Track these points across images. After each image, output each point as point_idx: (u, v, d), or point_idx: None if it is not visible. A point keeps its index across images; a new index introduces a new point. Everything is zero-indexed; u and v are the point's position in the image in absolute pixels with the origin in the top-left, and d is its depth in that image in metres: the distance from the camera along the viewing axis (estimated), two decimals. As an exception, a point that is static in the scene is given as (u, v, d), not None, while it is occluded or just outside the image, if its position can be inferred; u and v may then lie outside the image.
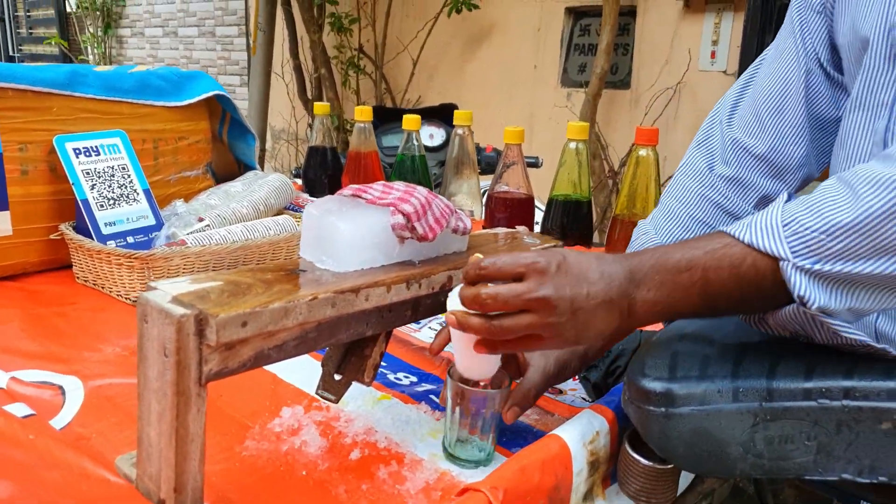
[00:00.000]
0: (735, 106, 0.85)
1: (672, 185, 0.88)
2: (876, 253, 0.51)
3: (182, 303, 0.52)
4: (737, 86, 0.87)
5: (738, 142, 0.82)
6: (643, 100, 2.98)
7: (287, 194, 1.36)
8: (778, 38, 0.84)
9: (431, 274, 0.67)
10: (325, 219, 0.65)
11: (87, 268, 1.11)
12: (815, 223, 0.53)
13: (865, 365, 0.52)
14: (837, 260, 0.52)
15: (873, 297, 0.53)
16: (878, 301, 0.54)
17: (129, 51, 6.13)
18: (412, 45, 3.66)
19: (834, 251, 0.52)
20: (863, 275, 0.52)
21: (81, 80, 1.21)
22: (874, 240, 0.51)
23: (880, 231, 0.50)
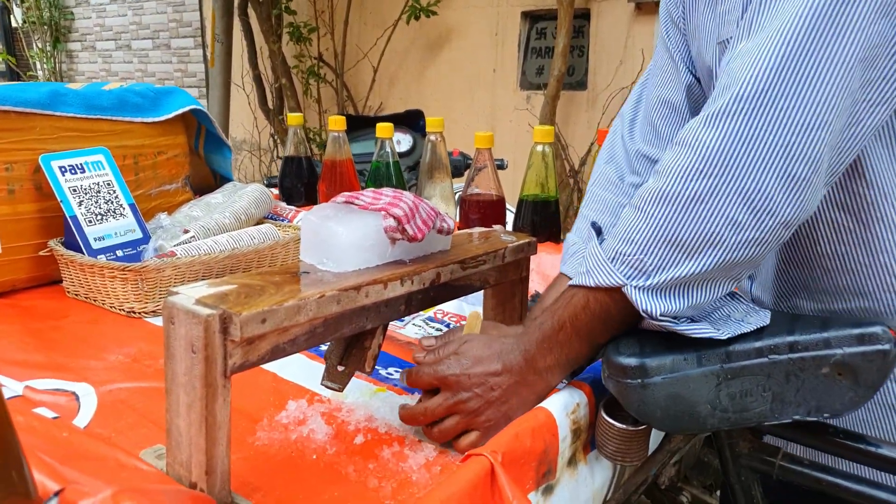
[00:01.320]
0: (633, 121, 0.97)
1: (589, 197, 0.99)
2: (682, 257, 0.61)
3: (206, 304, 0.58)
4: (631, 102, 0.98)
5: (640, 152, 0.94)
6: (600, 100, 3.10)
7: (266, 204, 1.41)
8: (655, 51, 0.95)
9: (422, 271, 0.74)
10: (323, 224, 0.72)
11: (79, 282, 1.15)
12: (628, 248, 0.63)
13: (803, 321, 0.61)
14: (659, 271, 0.62)
15: (706, 290, 0.62)
16: (711, 292, 0.63)
17: (81, 65, 6.05)
18: (372, 53, 3.72)
19: (653, 265, 0.62)
20: (683, 277, 0.61)
21: (62, 100, 1.24)
22: (675, 247, 0.61)
23: (675, 237, 0.60)
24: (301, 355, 0.94)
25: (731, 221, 0.58)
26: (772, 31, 0.59)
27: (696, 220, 0.59)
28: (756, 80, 0.58)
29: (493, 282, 0.89)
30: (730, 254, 0.60)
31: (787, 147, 0.57)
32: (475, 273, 0.83)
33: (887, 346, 0.56)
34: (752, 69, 0.59)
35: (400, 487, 0.66)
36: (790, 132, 0.57)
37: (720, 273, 0.61)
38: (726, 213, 0.58)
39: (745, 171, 0.57)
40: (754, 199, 0.58)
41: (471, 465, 0.56)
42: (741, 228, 0.59)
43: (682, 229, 0.60)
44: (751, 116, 0.58)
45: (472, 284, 0.85)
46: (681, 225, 0.60)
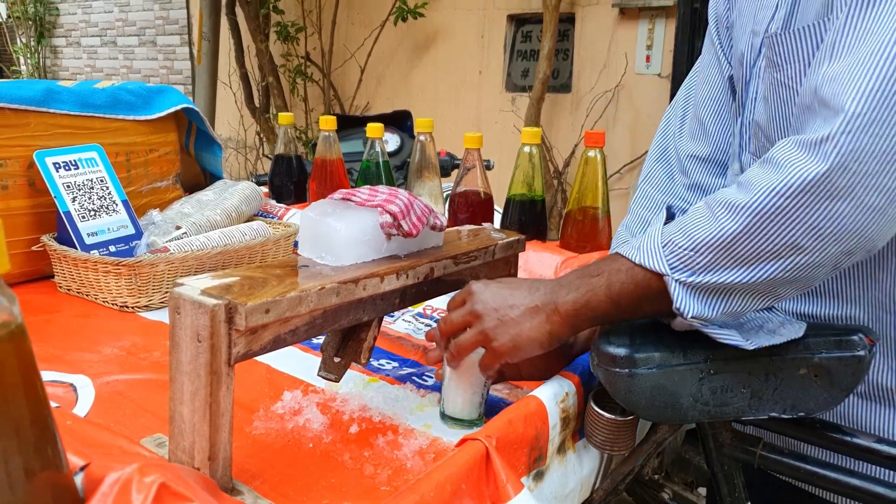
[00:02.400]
0: (683, 119, 0.99)
1: (640, 195, 1.00)
2: (734, 265, 0.61)
3: (211, 295, 0.60)
4: (680, 100, 1.00)
5: (690, 153, 0.95)
6: (584, 102, 3.14)
7: (257, 201, 1.43)
8: (703, 51, 0.97)
9: (416, 266, 0.76)
10: (322, 220, 0.74)
11: (71, 277, 1.16)
12: (685, 242, 0.63)
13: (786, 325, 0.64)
14: (705, 272, 0.62)
15: (744, 301, 0.63)
16: (748, 304, 0.63)
17: (65, 61, 6.00)
18: (359, 53, 3.74)
19: (701, 265, 0.62)
20: (727, 283, 0.62)
21: (56, 97, 1.25)
22: (730, 255, 0.61)
23: (734, 248, 0.61)
24: (295, 348, 0.96)
25: (794, 244, 0.59)
26: (868, 52, 0.57)
27: (763, 235, 0.59)
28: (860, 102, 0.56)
29: (483, 277, 0.91)
30: (783, 272, 0.60)
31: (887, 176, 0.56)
32: (467, 268, 0.86)
33: (862, 353, 0.60)
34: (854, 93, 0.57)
35: (395, 474, 0.68)
36: None
37: (765, 288, 0.62)
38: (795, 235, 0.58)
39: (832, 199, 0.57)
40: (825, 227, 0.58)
41: (466, 449, 0.59)
42: (804, 251, 0.59)
43: (745, 240, 0.60)
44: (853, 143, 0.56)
45: (463, 280, 0.87)
46: (745, 237, 0.60)
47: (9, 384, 0.41)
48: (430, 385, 0.88)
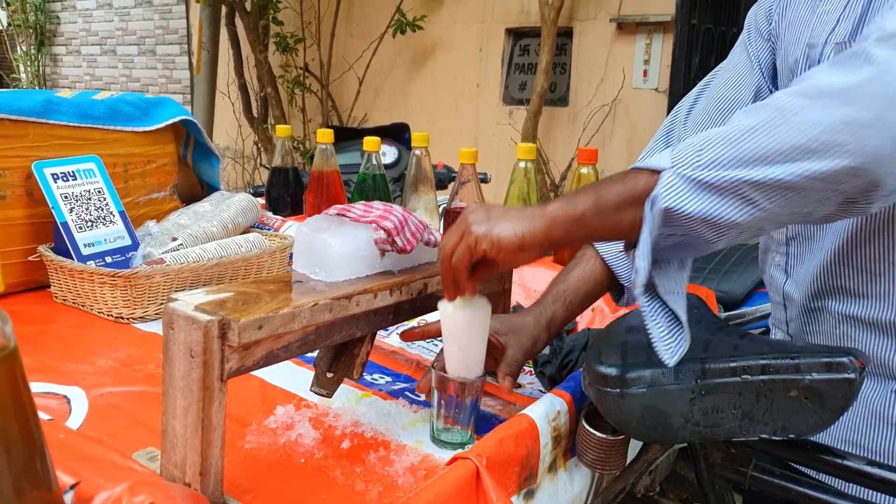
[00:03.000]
0: (691, 109, 0.99)
1: None
2: (738, 163, 0.57)
3: (205, 310, 0.60)
4: (694, 91, 1.00)
5: None
6: (581, 116, 3.16)
7: (253, 213, 1.43)
8: (732, 54, 0.98)
9: (410, 282, 0.77)
10: (317, 236, 0.74)
11: (67, 287, 1.16)
12: (694, 141, 0.60)
13: (776, 346, 0.64)
14: (707, 167, 0.58)
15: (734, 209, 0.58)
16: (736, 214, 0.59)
17: (65, 69, 6.02)
18: (358, 64, 3.76)
19: (705, 160, 0.58)
20: (729, 181, 0.57)
21: (56, 108, 1.26)
22: (737, 150, 0.57)
23: (743, 143, 0.57)
24: (289, 361, 0.96)
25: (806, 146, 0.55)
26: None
27: (776, 131, 0.57)
28: None
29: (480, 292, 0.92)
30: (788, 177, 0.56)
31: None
32: (461, 285, 0.86)
33: (853, 375, 0.60)
34: None
35: (386, 491, 0.68)
36: None
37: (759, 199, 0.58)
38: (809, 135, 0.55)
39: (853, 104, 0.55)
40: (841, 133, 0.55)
41: (456, 467, 0.59)
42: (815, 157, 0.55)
43: (757, 135, 0.57)
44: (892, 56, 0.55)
45: (457, 296, 0.88)
46: (758, 131, 0.57)
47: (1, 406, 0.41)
48: (423, 401, 0.88)
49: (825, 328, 0.85)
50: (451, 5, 3.48)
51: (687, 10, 2.14)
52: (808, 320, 0.87)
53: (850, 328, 0.82)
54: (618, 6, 2.96)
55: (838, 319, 0.83)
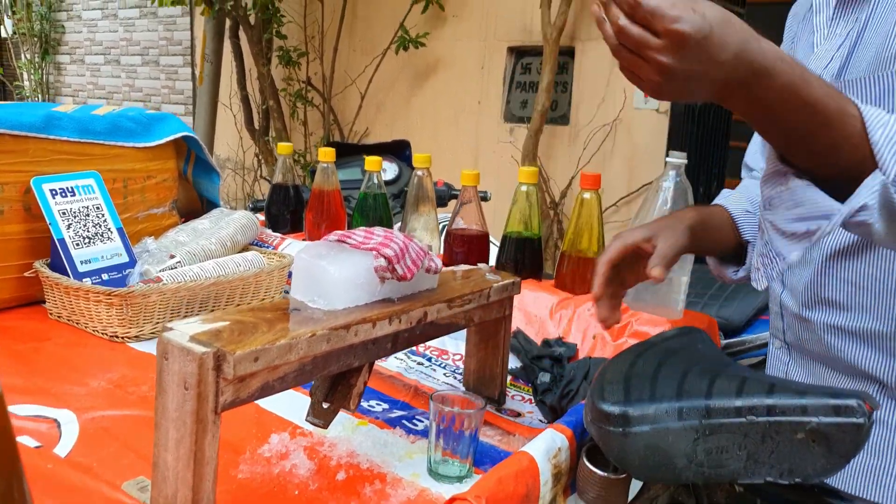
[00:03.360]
0: None
1: None
2: None
3: (200, 341, 0.59)
4: None
5: None
6: (582, 135, 3.16)
7: (252, 231, 1.42)
8: None
9: (410, 310, 0.76)
10: (316, 263, 0.73)
11: (63, 304, 1.15)
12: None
13: (782, 386, 0.63)
14: None
15: None
16: None
17: (68, 78, 6.03)
18: (360, 79, 3.76)
19: None
20: None
21: (57, 124, 1.25)
22: None
23: None
24: (285, 387, 0.95)
25: None
26: None
27: None
28: None
29: (478, 320, 0.91)
30: None
31: None
32: (461, 312, 0.85)
33: (861, 420, 0.58)
34: None
35: (382, 526, 0.67)
36: None
37: None
38: None
39: None
40: None
41: (454, 508, 0.58)
42: None
43: None
44: None
45: (457, 323, 0.86)
46: None
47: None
48: (421, 430, 0.87)
49: (815, 337, 0.90)
50: (453, 23, 3.49)
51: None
52: (801, 328, 0.93)
53: (836, 338, 0.87)
54: (620, 26, 2.96)
55: (825, 329, 0.88)
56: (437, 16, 3.50)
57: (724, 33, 0.60)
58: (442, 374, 1.07)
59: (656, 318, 1.07)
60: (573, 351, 1.08)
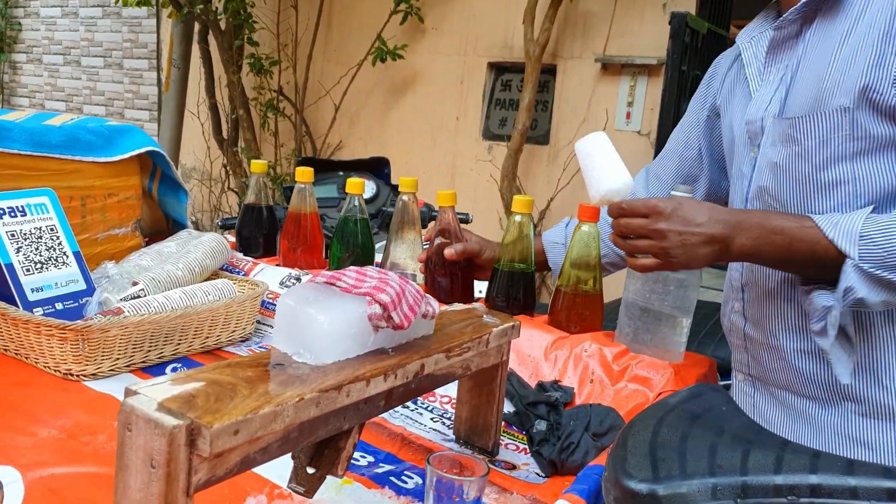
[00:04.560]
0: None
1: None
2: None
3: (170, 410, 0.50)
4: None
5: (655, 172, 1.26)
6: (562, 155, 3.12)
7: (223, 255, 1.32)
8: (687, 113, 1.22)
9: (406, 363, 0.68)
10: (302, 310, 0.65)
11: (10, 337, 1.04)
12: (883, 242, 0.79)
13: (825, 460, 0.57)
14: (890, 271, 0.79)
15: None
16: None
17: (25, 77, 5.81)
18: (334, 90, 3.67)
19: (890, 265, 0.79)
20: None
21: (6, 135, 1.14)
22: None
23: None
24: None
25: None
26: None
27: None
28: None
29: (475, 368, 0.83)
30: None
31: None
32: (458, 361, 0.77)
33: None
34: None
35: None
36: None
37: None
38: None
39: None
40: None
41: None
42: None
43: None
44: None
45: (453, 373, 0.79)
46: None
47: None
48: (412, 489, 0.79)
49: (786, 364, 0.97)
50: (433, 36, 3.43)
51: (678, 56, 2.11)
52: (769, 358, 0.99)
53: (808, 362, 0.95)
54: (603, 46, 2.94)
55: (796, 355, 0.95)
56: (417, 28, 3.43)
57: (693, 205, 0.87)
58: (429, 418, 0.99)
59: (657, 361, 1.01)
60: (570, 396, 1.01)
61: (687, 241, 0.85)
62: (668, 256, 0.86)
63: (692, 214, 0.85)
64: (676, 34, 2.06)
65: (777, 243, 0.84)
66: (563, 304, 1.12)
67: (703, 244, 0.85)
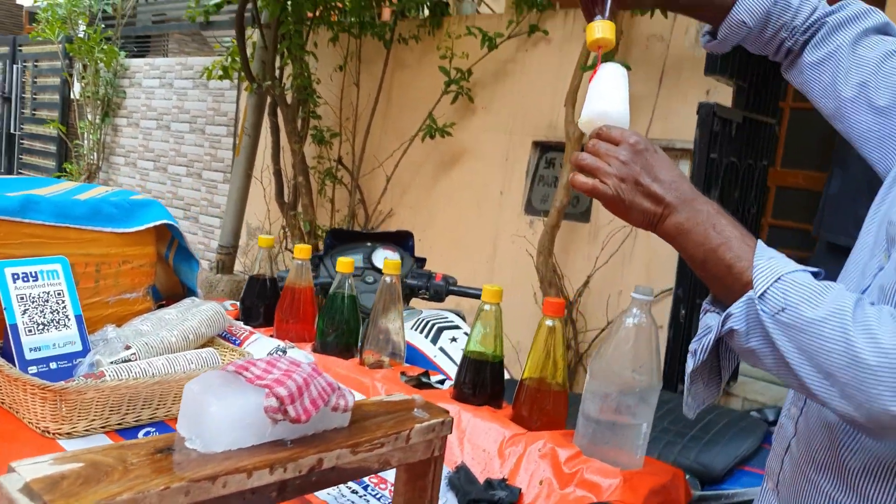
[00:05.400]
0: None
1: None
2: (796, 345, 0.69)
3: (31, 492, 0.55)
4: None
5: None
6: (602, 233, 3.10)
7: (219, 324, 1.40)
8: None
9: (299, 457, 0.70)
10: (200, 396, 0.69)
11: (6, 391, 1.13)
12: (794, 298, 0.70)
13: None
14: (778, 325, 0.70)
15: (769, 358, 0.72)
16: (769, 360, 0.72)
17: (123, 139, 6.32)
18: (388, 162, 3.82)
19: (782, 321, 0.69)
20: (778, 346, 0.70)
21: (34, 207, 1.26)
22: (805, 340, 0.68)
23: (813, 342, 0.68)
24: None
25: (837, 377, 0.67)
26: None
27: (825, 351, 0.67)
28: None
29: (397, 463, 0.84)
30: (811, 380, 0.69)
31: None
32: (371, 456, 0.79)
33: None
34: None
35: None
36: None
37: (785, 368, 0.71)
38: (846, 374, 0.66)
39: None
40: None
41: None
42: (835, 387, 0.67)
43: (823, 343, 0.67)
44: None
45: (368, 467, 0.80)
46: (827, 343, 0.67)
47: None
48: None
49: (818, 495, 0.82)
50: (482, 115, 3.54)
51: (706, 144, 2.10)
52: (799, 489, 0.85)
53: None
54: (646, 128, 2.95)
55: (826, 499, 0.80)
56: (467, 107, 3.55)
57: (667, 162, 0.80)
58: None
59: (607, 467, 0.99)
60: (516, 496, 1.00)
61: (633, 182, 0.78)
62: (604, 184, 0.79)
63: (659, 166, 0.79)
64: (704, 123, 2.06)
65: (706, 240, 0.76)
66: (525, 397, 1.12)
67: (647, 197, 0.78)
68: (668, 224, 0.78)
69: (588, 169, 0.81)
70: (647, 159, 0.79)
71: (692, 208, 0.78)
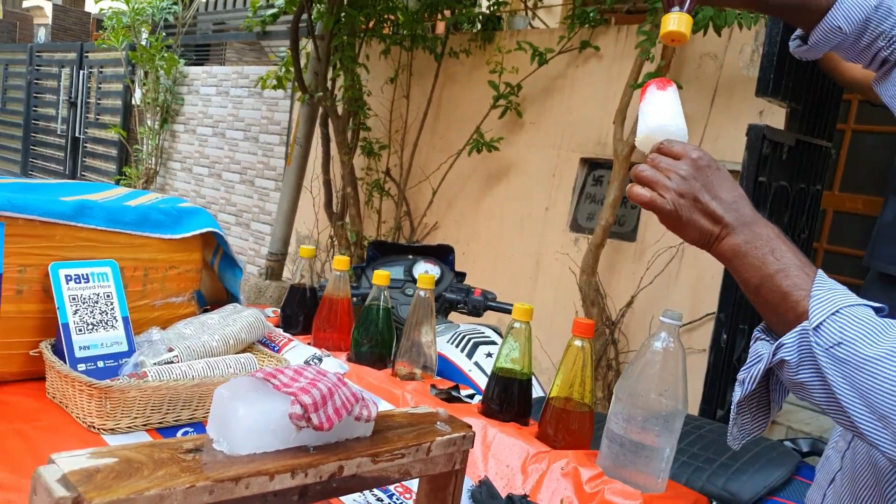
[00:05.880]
0: None
1: None
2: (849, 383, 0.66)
3: (67, 483, 0.58)
4: None
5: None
6: (647, 254, 3.07)
7: (259, 330, 1.44)
8: None
9: (320, 463, 0.73)
10: (228, 402, 0.72)
11: (57, 387, 1.19)
12: (850, 334, 0.66)
13: None
14: (831, 359, 0.67)
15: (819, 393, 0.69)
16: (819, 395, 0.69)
17: (180, 145, 6.54)
18: (435, 175, 3.86)
19: (836, 356, 0.67)
20: (830, 381, 0.67)
21: (87, 213, 1.33)
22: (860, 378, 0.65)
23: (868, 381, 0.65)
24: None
25: None
26: None
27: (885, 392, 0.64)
28: None
29: (418, 474, 0.86)
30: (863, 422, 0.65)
31: None
32: (392, 466, 0.81)
33: None
34: None
35: None
36: None
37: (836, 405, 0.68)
38: None
39: None
40: None
41: None
42: None
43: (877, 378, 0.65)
44: None
45: (389, 477, 0.82)
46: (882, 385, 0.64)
47: None
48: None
49: None
50: (529, 130, 3.54)
51: (754, 167, 2.06)
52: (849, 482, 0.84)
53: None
54: (694, 149, 2.91)
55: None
56: (515, 122, 3.57)
57: (728, 180, 0.78)
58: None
59: (629, 489, 0.98)
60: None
61: (692, 199, 0.76)
62: (662, 198, 0.78)
63: (720, 184, 0.77)
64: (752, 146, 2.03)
65: (764, 265, 0.73)
66: (551, 417, 1.12)
67: (705, 216, 0.76)
68: (725, 245, 0.76)
69: (647, 181, 0.80)
70: (709, 176, 0.78)
71: (751, 231, 0.76)
